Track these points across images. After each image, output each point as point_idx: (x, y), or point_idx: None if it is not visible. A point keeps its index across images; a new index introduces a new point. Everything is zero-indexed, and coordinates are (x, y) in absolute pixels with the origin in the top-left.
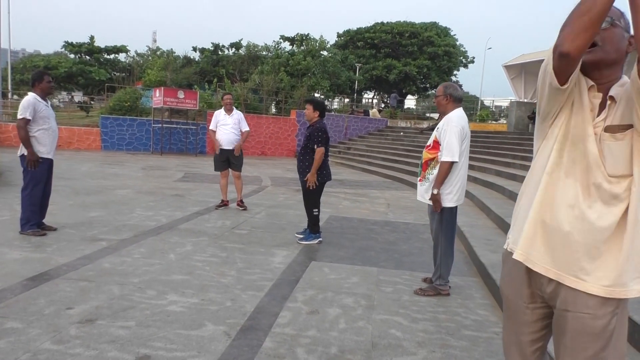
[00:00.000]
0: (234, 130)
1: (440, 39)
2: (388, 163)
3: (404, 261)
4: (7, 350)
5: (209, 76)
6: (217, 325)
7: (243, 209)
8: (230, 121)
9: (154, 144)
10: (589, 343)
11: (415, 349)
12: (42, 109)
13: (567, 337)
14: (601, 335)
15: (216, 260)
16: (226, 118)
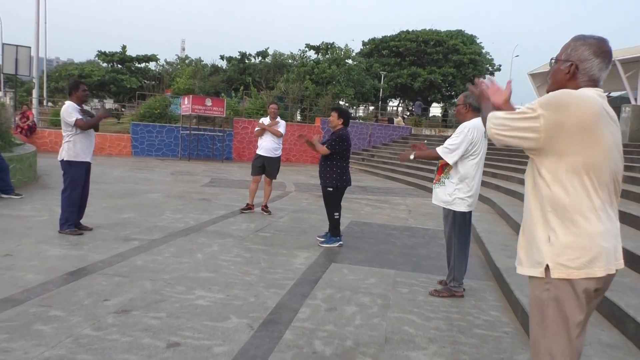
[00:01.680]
0: (273, 139)
1: (465, 47)
2: (411, 170)
3: (421, 264)
4: (51, 334)
5: (235, 84)
6: (240, 319)
7: (267, 214)
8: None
9: (182, 150)
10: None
11: (427, 344)
12: (80, 115)
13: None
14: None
15: (241, 260)
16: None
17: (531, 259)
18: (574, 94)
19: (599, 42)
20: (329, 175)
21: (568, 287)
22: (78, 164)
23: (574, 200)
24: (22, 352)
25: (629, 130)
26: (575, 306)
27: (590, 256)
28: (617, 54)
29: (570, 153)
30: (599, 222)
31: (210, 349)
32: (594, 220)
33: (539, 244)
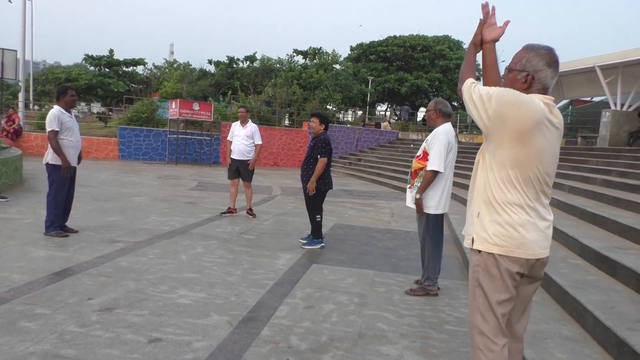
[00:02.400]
0: (244, 142)
1: (452, 52)
2: (398, 175)
3: (400, 265)
4: (37, 331)
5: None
6: (221, 316)
7: (252, 217)
8: (242, 133)
9: (169, 154)
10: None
11: (398, 339)
12: (66, 121)
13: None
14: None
15: (224, 262)
16: (240, 130)
17: (466, 231)
18: (523, 97)
19: (550, 53)
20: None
21: (492, 262)
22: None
23: (500, 189)
24: (7, 347)
25: (608, 135)
26: (495, 284)
27: (509, 241)
28: (596, 60)
29: (503, 147)
30: (522, 213)
31: (190, 344)
32: (516, 211)
33: (471, 218)
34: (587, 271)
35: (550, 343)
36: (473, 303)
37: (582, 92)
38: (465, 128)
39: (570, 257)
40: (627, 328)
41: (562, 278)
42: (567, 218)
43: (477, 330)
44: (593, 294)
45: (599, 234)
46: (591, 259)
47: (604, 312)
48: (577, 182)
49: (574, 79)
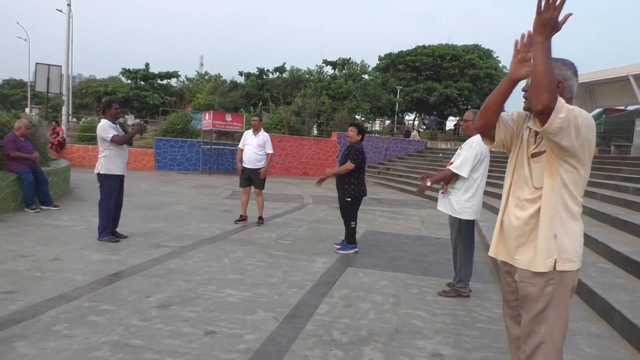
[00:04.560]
0: (256, 150)
1: (482, 62)
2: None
3: (431, 269)
4: (105, 324)
5: (254, 99)
6: (267, 312)
7: (260, 223)
8: (254, 142)
9: (202, 164)
10: (530, 305)
11: (433, 335)
12: (115, 132)
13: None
14: (539, 299)
15: (264, 265)
16: (252, 138)
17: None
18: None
19: (573, 64)
20: (348, 186)
21: (572, 278)
22: (113, 176)
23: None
24: (82, 337)
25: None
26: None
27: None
28: (630, 69)
29: (585, 166)
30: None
31: (242, 336)
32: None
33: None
34: (615, 274)
35: (579, 339)
36: (558, 324)
37: (615, 101)
38: None
39: (599, 262)
40: None
41: (592, 280)
42: (598, 225)
43: (557, 348)
44: (621, 295)
45: (629, 240)
46: (620, 264)
47: (632, 310)
48: (610, 190)
49: (607, 87)
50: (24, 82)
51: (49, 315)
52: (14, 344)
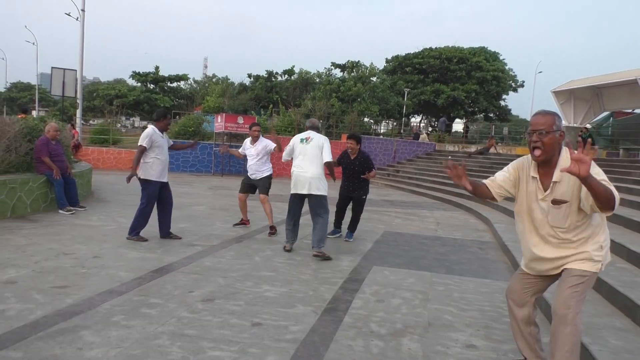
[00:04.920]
0: (255, 160)
1: (489, 64)
2: (436, 185)
3: (454, 268)
4: (158, 316)
5: (263, 102)
6: (305, 307)
7: (272, 234)
8: (253, 151)
9: (214, 166)
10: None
11: (464, 328)
12: (159, 140)
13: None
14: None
15: (293, 263)
16: (251, 148)
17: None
18: None
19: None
20: (364, 187)
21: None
22: (152, 182)
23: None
24: (140, 327)
25: None
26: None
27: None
28: (638, 72)
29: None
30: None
31: (287, 327)
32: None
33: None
34: (634, 274)
35: (604, 333)
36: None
37: (624, 104)
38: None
39: (618, 262)
40: None
41: (612, 279)
42: (614, 227)
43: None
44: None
45: None
46: (638, 264)
47: None
48: (622, 193)
49: (616, 91)
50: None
51: (104, 308)
52: (79, 332)
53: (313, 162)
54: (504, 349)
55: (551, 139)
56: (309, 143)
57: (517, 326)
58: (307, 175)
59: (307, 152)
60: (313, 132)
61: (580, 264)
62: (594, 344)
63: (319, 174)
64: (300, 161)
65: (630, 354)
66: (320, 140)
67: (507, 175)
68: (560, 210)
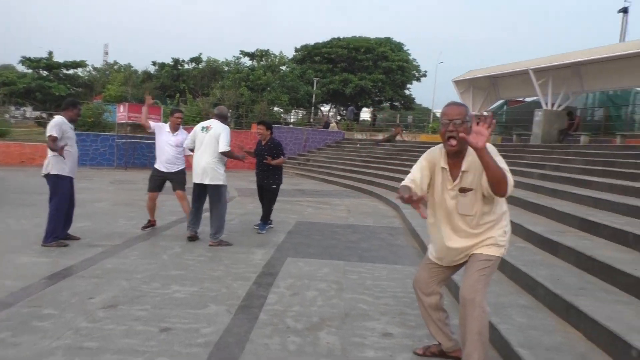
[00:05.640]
0: (174, 151)
1: (394, 54)
2: (346, 173)
3: (365, 255)
4: (53, 329)
5: (169, 91)
6: (218, 306)
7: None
8: (173, 141)
9: (117, 159)
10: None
11: (379, 316)
12: (68, 131)
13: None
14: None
15: (204, 259)
16: (169, 136)
17: (505, 247)
18: None
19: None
20: (276, 176)
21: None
22: (64, 177)
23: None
24: (31, 344)
25: (541, 133)
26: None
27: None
28: (530, 63)
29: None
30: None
31: (198, 330)
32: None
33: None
34: (533, 252)
35: (510, 311)
36: (487, 286)
37: (517, 93)
38: (406, 128)
39: (517, 242)
40: (573, 294)
41: (514, 259)
42: (512, 208)
43: (485, 298)
44: (541, 270)
45: (541, 221)
46: (536, 242)
47: (552, 283)
48: (517, 176)
49: (510, 80)
50: None
51: None
52: None
53: (207, 151)
54: (418, 335)
55: (466, 130)
56: (208, 132)
57: (426, 313)
58: (201, 164)
59: (205, 141)
60: (216, 121)
61: (487, 249)
62: (502, 323)
63: (214, 163)
64: (198, 150)
65: (534, 329)
66: (218, 129)
67: (424, 173)
68: (467, 198)
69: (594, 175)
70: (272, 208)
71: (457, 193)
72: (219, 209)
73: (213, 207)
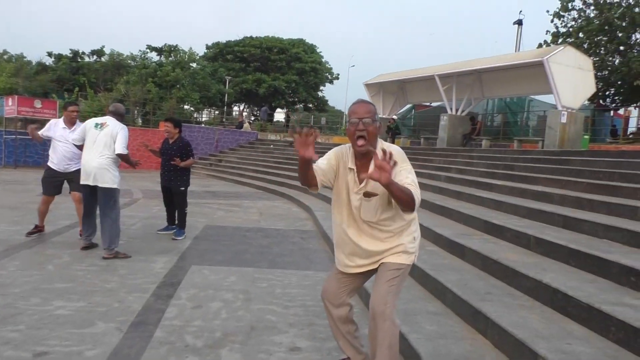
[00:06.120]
0: (71, 148)
1: (307, 56)
2: (259, 175)
3: (276, 261)
4: None
5: (68, 84)
6: (107, 323)
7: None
8: (70, 137)
9: (6, 157)
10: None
11: (288, 328)
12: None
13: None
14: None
15: (97, 269)
16: (66, 132)
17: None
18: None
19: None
20: (182, 177)
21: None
22: None
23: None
24: None
25: (446, 136)
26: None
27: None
28: (436, 69)
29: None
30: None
31: (81, 353)
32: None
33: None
34: (441, 256)
35: (419, 318)
36: (397, 295)
37: (424, 98)
38: (319, 129)
39: (426, 245)
40: (480, 299)
41: (423, 263)
42: (420, 211)
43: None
44: (449, 275)
45: (448, 224)
46: (444, 245)
47: (460, 288)
48: (425, 178)
49: (418, 85)
50: None
51: None
52: None
53: (100, 150)
54: (327, 348)
55: (375, 129)
56: (102, 129)
57: (335, 326)
58: (92, 165)
59: (98, 139)
60: (112, 119)
61: (396, 258)
62: (412, 332)
63: (107, 164)
64: (89, 148)
65: (443, 338)
66: (115, 128)
67: (329, 163)
68: (371, 204)
69: (496, 179)
70: (185, 211)
71: (361, 197)
72: (111, 216)
73: (104, 213)
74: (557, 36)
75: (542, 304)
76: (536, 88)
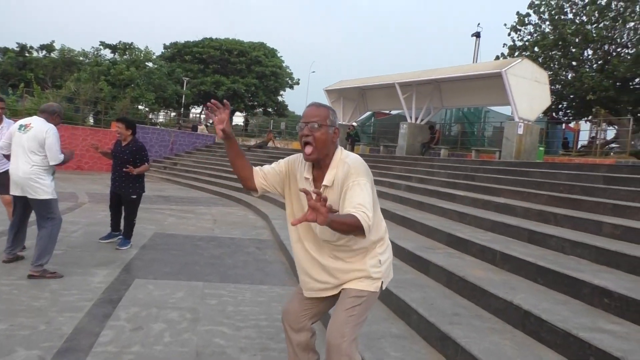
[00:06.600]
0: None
1: (267, 60)
2: (215, 179)
3: (229, 274)
4: None
5: (13, 80)
6: (29, 350)
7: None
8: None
9: None
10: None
11: (238, 354)
12: None
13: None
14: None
15: (25, 284)
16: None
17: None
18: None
19: (333, 109)
20: (135, 183)
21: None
22: None
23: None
24: None
25: (406, 145)
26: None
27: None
28: (396, 77)
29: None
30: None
31: None
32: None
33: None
34: (405, 270)
35: (384, 343)
36: (359, 327)
37: (384, 105)
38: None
39: None
40: (447, 322)
41: None
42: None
43: (355, 342)
44: (413, 292)
45: (410, 235)
46: (407, 259)
47: (426, 309)
48: (385, 187)
49: (378, 92)
50: None
51: None
52: None
53: (25, 157)
54: None
55: (324, 134)
56: (26, 132)
57: (293, 352)
58: (18, 174)
59: (22, 143)
60: (38, 119)
61: (357, 284)
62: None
63: (34, 173)
64: (14, 155)
65: None
66: (41, 131)
67: (277, 169)
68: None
69: (457, 189)
70: (134, 222)
71: None
72: (48, 227)
73: (39, 224)
74: (514, 49)
75: (513, 327)
76: (494, 99)
